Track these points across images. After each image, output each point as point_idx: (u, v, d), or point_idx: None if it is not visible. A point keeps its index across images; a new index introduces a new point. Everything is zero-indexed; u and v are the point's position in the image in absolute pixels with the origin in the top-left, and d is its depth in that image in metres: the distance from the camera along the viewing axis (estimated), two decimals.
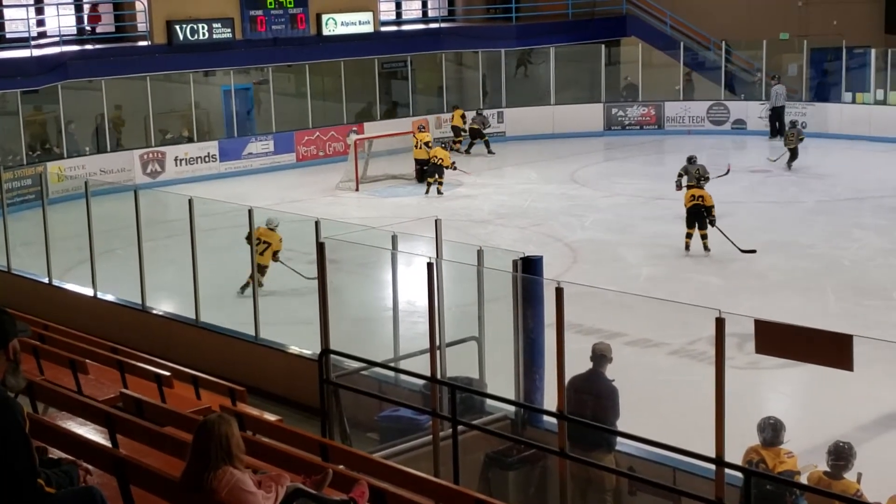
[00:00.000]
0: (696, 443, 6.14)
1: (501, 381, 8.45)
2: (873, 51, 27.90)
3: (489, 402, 8.44)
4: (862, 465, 6.57)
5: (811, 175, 21.71)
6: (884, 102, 27.57)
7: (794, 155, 23.10)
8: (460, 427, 7.55)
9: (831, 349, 5.25)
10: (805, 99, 28.48)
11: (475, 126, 26.42)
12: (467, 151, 26.13)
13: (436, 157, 21.84)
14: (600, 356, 7.70)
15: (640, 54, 29.30)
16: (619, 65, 31.15)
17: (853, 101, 27.85)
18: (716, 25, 29.67)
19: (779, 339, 5.55)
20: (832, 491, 6.35)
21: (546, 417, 7.96)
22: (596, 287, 12.77)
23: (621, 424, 7.46)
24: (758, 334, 5.55)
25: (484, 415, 8.41)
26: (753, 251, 16.19)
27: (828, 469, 6.50)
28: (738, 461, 6.61)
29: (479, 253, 8.41)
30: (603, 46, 29.13)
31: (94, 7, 26.04)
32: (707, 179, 17.90)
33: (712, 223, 16.41)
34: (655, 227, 18.48)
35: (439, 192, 21.63)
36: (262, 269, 13.87)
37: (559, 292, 6.64)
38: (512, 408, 8.38)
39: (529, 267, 8.36)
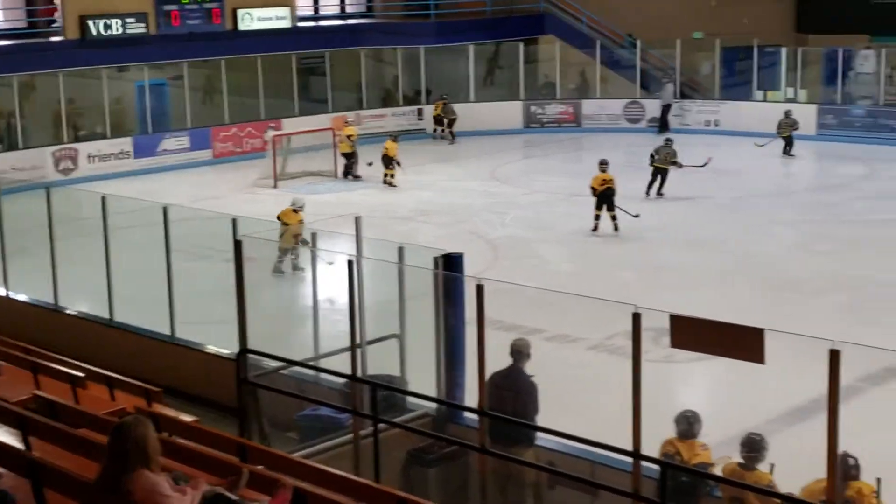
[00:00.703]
0: (614, 436, 6.21)
1: (423, 379, 8.45)
2: (784, 49, 28.49)
3: (410, 399, 8.44)
4: (774, 456, 6.71)
5: (724, 172, 22.07)
6: (794, 100, 28.18)
7: (789, 142, 24.29)
8: (381, 425, 7.54)
9: (744, 343, 5.35)
10: (718, 97, 28.97)
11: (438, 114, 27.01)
12: (452, 140, 27.16)
13: (385, 150, 22.05)
14: (519, 352, 7.75)
15: (557, 52, 29.53)
16: (537, 63, 31.37)
17: (765, 100, 28.42)
18: (631, 24, 30.03)
19: (693, 334, 5.64)
20: (745, 482, 6.48)
21: (467, 414, 7.98)
22: (516, 284, 12.85)
23: (541, 419, 7.51)
24: (673, 329, 5.63)
25: (405, 412, 8.40)
26: (636, 215, 17.48)
27: (741, 461, 6.62)
28: (655, 454, 6.70)
29: (400, 250, 8.40)
30: (521, 44, 29.30)
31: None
32: (675, 163, 19.73)
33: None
34: (575, 224, 18.65)
35: (391, 185, 21.87)
36: (283, 251, 14.44)
37: (480, 289, 6.66)
38: (433, 405, 8.38)
39: (451, 264, 8.38)
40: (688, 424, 6.95)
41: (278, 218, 15.03)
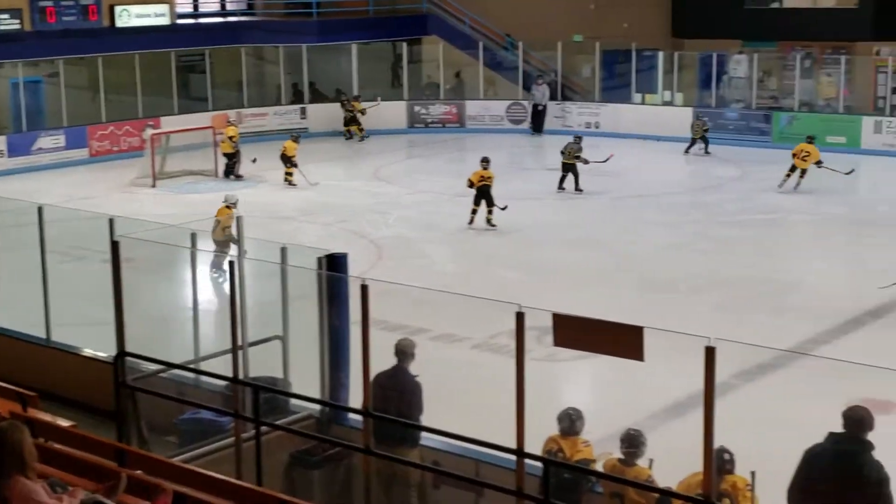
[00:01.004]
0: (499, 435, 6.26)
1: (307, 380, 8.38)
2: (661, 53, 29.12)
3: (294, 401, 8.36)
4: (653, 451, 6.85)
5: (604, 173, 22.44)
6: (671, 103, 28.84)
7: (705, 142, 25.40)
8: (264, 427, 7.45)
9: (624, 340, 5.44)
10: (598, 99, 29.47)
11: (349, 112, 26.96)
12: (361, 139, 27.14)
13: (284, 149, 22.04)
14: (403, 352, 7.75)
15: (440, 53, 29.64)
16: (421, 63, 31.47)
17: (643, 102, 29.01)
18: (513, 27, 30.33)
19: (575, 332, 5.71)
20: (625, 477, 6.59)
21: (351, 415, 7.95)
22: (401, 284, 12.86)
23: (426, 419, 7.53)
24: (556, 327, 5.70)
25: (288, 414, 8.32)
26: (504, 207, 17.88)
27: (622, 456, 6.74)
28: (539, 451, 6.78)
29: (283, 250, 8.31)
30: (405, 44, 29.34)
31: None
32: (578, 157, 20.68)
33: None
34: (459, 223, 18.76)
35: (290, 184, 21.82)
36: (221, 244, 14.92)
37: (364, 289, 6.64)
38: (317, 406, 8.32)
39: (334, 264, 8.32)
40: (570, 422, 7.05)
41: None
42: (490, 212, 18.00)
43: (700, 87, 29.83)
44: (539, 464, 6.34)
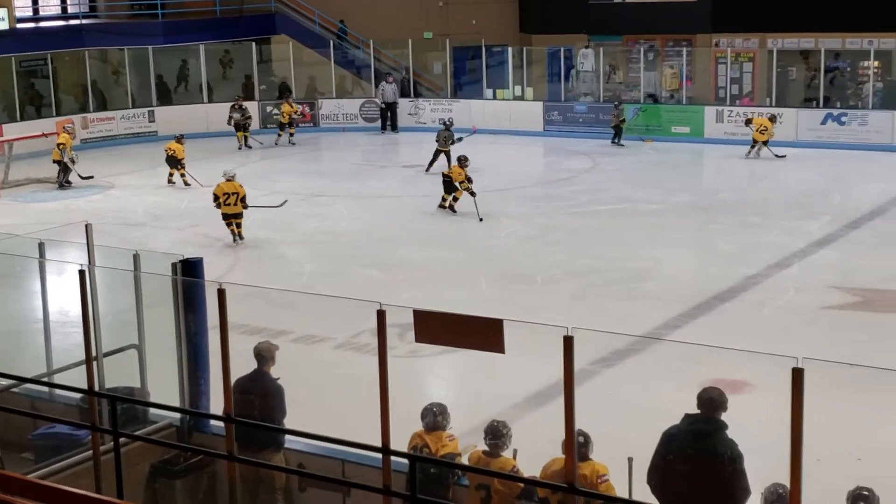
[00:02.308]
0: (364, 433, 6.25)
1: (165, 389, 8.21)
2: (510, 49, 29.51)
3: (153, 410, 8.18)
4: (517, 441, 6.95)
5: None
6: (521, 98, 29.27)
7: (617, 132, 25.73)
8: (123, 439, 7.27)
9: (485, 334, 5.49)
10: (450, 96, 29.69)
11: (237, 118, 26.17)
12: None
13: (170, 149, 21.82)
14: (263, 356, 7.67)
15: (291, 52, 29.41)
16: (272, 63, 31.16)
17: (494, 98, 29.37)
18: (364, 25, 30.31)
19: (437, 328, 5.74)
20: (490, 469, 6.67)
21: (213, 422, 7.82)
22: (259, 286, 12.71)
23: (289, 422, 7.46)
24: (417, 324, 5.72)
25: (148, 424, 8.14)
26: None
27: (486, 448, 6.81)
28: (405, 448, 6.79)
29: (136, 257, 8.12)
30: (254, 44, 29.00)
31: None
32: (453, 142, 22.02)
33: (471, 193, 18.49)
34: (315, 223, 18.66)
35: (186, 184, 21.54)
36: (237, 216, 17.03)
37: (221, 294, 6.54)
38: (177, 415, 8.16)
39: (190, 269, 8.17)
40: (434, 417, 7.08)
41: (224, 193, 17.25)
42: (455, 199, 18.87)
43: (549, 81, 30.36)
44: (405, 460, 6.35)
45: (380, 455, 6.07)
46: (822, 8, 27.74)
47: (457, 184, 18.75)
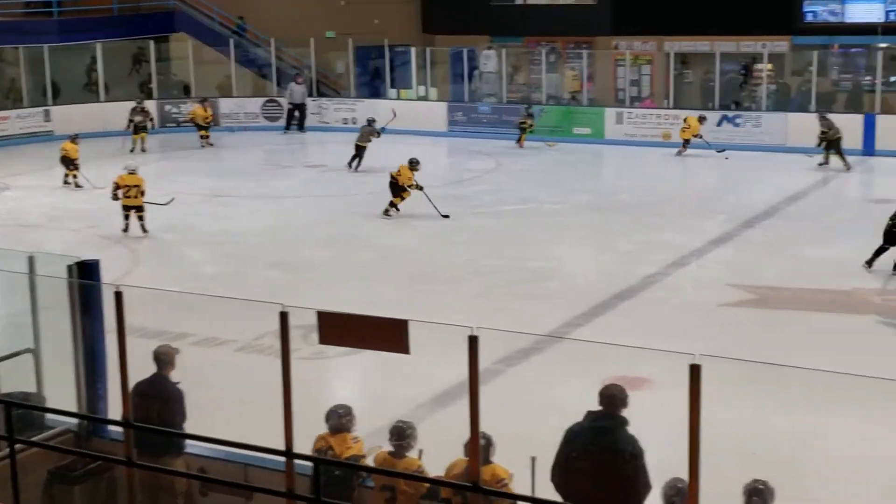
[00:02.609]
0: (268, 437, 6.19)
1: (62, 394, 8.02)
2: (413, 49, 29.56)
3: (51, 416, 7.99)
4: (423, 441, 6.96)
5: (365, 169, 22.62)
6: (425, 98, 29.34)
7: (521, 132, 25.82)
8: (18, 445, 7.08)
9: (389, 335, 5.48)
10: (354, 95, 29.61)
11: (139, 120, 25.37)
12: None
13: (64, 149, 21.44)
14: (162, 359, 7.54)
15: (190, 50, 29.00)
16: (170, 61, 30.70)
17: (398, 98, 29.38)
18: (264, 23, 30.06)
19: (341, 329, 5.71)
20: (396, 469, 6.67)
21: (112, 427, 7.67)
22: (158, 289, 12.49)
23: (191, 426, 7.35)
24: (321, 325, 5.68)
25: (45, 430, 7.94)
26: (447, 216, 18.28)
27: (391, 449, 6.81)
28: (309, 451, 6.75)
29: (31, 259, 7.92)
30: (152, 42, 28.53)
31: None
32: (378, 134, 22.51)
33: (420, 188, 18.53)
34: (217, 224, 18.44)
35: (77, 186, 21.22)
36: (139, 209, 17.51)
37: (119, 296, 6.41)
38: (75, 420, 7.98)
39: (86, 271, 7.99)
40: (338, 419, 7.05)
41: (125, 185, 17.64)
42: (392, 201, 18.58)
43: (453, 82, 30.49)
44: (309, 463, 6.32)
45: (283, 458, 6.02)
46: (716, 12, 28.35)
47: (405, 186, 18.45)
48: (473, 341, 5.23)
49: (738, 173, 23.03)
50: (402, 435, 6.79)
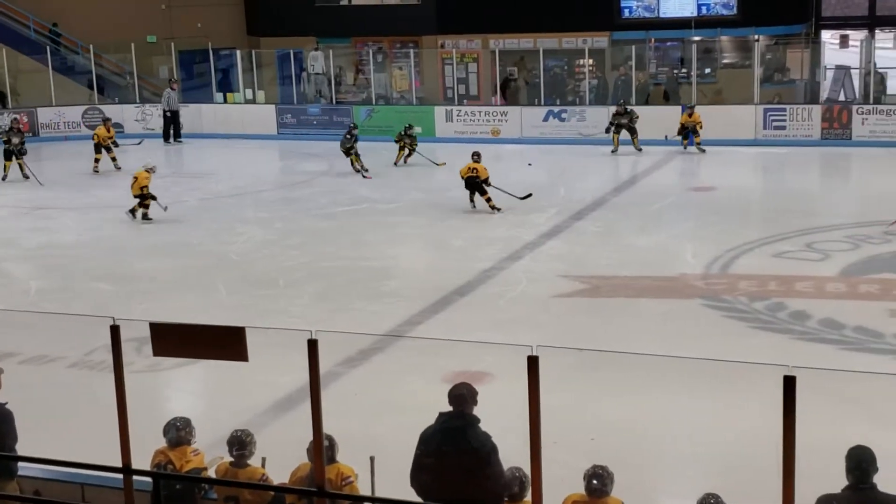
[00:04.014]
0: (104, 454, 6.01)
1: None
2: (238, 52, 29.18)
3: None
4: (266, 449, 6.88)
5: (191, 174, 22.18)
6: (253, 101, 29.00)
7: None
8: None
9: (226, 343, 5.39)
10: (179, 101, 29.01)
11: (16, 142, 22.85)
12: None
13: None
14: None
15: (4, 60, 27.90)
16: None
17: (225, 101, 28.94)
18: (80, 29, 29.19)
19: (175, 340, 5.60)
20: (238, 479, 6.57)
21: None
22: None
23: (23, 448, 7.07)
24: (154, 337, 5.55)
25: None
26: (530, 195, 18.88)
27: (232, 459, 6.71)
28: (148, 466, 6.59)
29: None
30: None
31: None
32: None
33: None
34: (41, 238, 17.78)
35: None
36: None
37: None
38: None
39: None
40: (177, 432, 6.90)
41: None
42: (488, 200, 18.62)
43: (281, 84, 30.23)
44: (148, 479, 6.17)
45: (121, 475, 5.86)
46: (539, 10, 28.96)
47: (486, 179, 18.62)
48: (313, 345, 5.20)
49: (566, 167, 23.60)
50: (241, 444, 6.70)
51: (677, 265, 15.07)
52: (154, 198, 18.33)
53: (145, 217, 18.48)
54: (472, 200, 19.01)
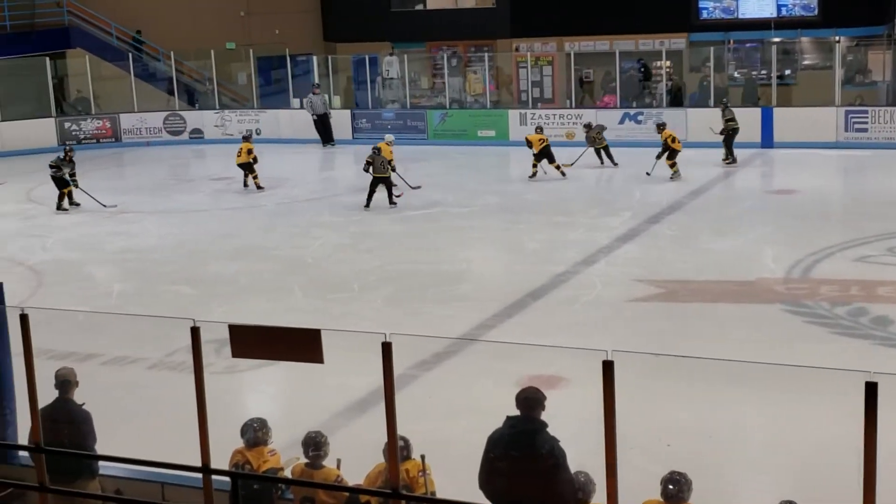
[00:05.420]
0: (183, 454, 6.12)
1: None
2: (315, 58, 29.45)
3: None
4: (340, 450, 6.94)
5: (268, 179, 22.43)
6: (329, 106, 29.21)
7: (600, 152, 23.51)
8: None
9: (302, 345, 5.45)
10: (256, 107, 29.38)
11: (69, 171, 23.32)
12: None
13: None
14: (64, 382, 7.39)
15: (88, 66, 28.50)
16: (68, 77, 30.12)
17: (301, 107, 29.23)
18: (162, 36, 29.68)
19: (253, 341, 5.67)
20: (314, 480, 6.64)
21: (22, 452, 7.50)
22: (65, 309, 12.25)
23: (104, 447, 7.22)
24: (233, 339, 5.63)
25: None
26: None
27: (307, 460, 6.78)
28: (226, 466, 6.68)
29: None
30: (48, 59, 27.95)
31: None
32: (393, 169, 20.26)
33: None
34: (122, 242, 18.13)
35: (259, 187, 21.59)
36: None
37: (24, 319, 6.27)
38: None
39: None
40: (254, 432, 7.00)
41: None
42: (557, 167, 21.74)
43: (356, 89, 30.46)
44: (227, 478, 6.25)
45: (200, 475, 5.96)
46: (615, 13, 28.79)
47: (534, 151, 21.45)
48: (387, 347, 5.24)
49: (642, 170, 23.39)
50: (316, 445, 6.77)
51: (756, 269, 14.85)
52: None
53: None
54: (534, 166, 21.17)
